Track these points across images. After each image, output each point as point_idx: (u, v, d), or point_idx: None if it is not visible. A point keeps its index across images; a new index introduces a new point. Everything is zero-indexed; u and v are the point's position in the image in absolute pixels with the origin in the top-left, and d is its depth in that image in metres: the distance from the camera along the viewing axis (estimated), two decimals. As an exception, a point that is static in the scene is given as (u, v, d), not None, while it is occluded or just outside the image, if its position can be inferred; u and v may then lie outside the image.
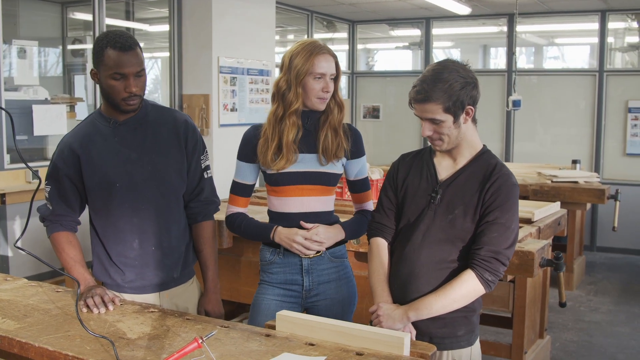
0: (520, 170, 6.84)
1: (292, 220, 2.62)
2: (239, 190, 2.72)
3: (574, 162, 6.65)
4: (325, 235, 2.59)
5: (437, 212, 2.31)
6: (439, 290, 2.26)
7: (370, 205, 2.80)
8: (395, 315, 2.29)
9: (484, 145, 2.38)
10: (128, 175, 2.46)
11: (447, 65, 2.25)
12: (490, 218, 2.23)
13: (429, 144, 2.38)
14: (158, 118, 2.55)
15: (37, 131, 5.31)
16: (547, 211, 4.40)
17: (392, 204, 2.46)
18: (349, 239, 2.70)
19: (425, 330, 2.31)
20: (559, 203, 4.72)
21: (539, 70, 9.04)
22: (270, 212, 2.72)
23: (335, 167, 2.65)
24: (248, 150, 2.67)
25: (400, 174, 2.46)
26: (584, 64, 9.01)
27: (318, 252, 2.62)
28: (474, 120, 2.33)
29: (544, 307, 4.51)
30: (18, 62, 5.50)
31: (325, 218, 2.67)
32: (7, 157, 5.04)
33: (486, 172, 2.28)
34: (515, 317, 4.02)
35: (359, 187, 2.77)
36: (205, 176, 2.64)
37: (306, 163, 2.61)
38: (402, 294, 2.35)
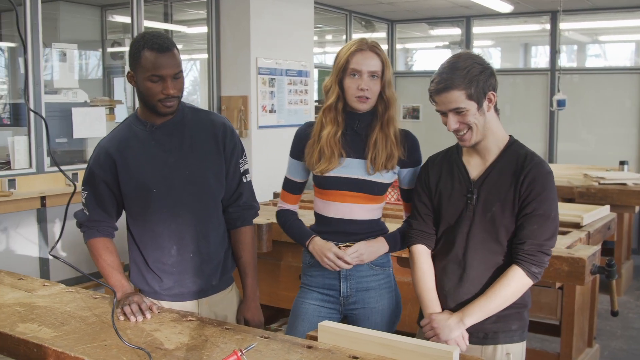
0: (566, 171, 6.63)
1: (333, 225, 2.55)
2: (289, 187, 2.67)
3: (622, 163, 6.44)
4: (367, 251, 2.50)
5: (476, 212, 2.28)
6: (489, 290, 2.24)
7: None
8: (451, 324, 2.25)
9: (510, 135, 2.33)
10: (165, 180, 2.39)
11: (461, 55, 2.26)
12: (529, 210, 2.20)
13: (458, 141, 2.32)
14: (195, 121, 2.48)
15: (77, 134, 5.32)
16: (596, 215, 4.23)
17: (429, 209, 2.42)
18: (394, 250, 2.59)
19: (480, 326, 2.28)
20: (608, 206, 4.54)
21: (582, 69, 8.80)
22: (315, 214, 2.65)
23: (384, 177, 2.52)
24: (299, 148, 2.61)
25: (432, 178, 2.41)
26: (627, 62, 8.75)
27: None
28: (496, 110, 2.30)
29: (592, 314, 4.35)
30: (58, 65, 5.51)
31: (368, 227, 2.56)
32: (47, 160, 5.05)
33: (517, 163, 2.25)
34: (563, 325, 3.88)
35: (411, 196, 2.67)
36: (244, 180, 2.57)
37: (352, 169, 2.50)
38: (453, 299, 2.32)
